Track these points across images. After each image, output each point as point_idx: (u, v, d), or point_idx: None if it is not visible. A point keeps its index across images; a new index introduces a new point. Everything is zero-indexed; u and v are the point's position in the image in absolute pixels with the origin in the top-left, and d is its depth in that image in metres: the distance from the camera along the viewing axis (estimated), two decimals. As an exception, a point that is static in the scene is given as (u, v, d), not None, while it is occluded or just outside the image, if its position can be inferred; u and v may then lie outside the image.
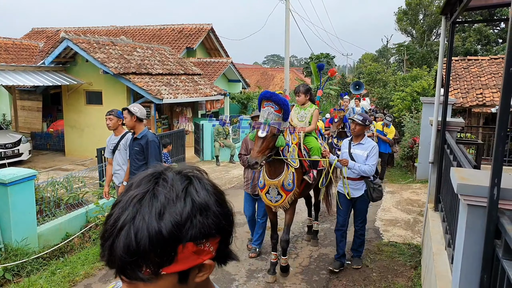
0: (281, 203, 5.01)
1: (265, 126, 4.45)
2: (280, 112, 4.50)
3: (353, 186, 5.24)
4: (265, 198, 5.07)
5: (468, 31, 33.84)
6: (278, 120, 4.48)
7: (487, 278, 2.21)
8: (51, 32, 24.92)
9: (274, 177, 4.89)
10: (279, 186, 4.89)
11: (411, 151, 12.41)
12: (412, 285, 4.93)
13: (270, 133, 4.44)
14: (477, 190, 2.24)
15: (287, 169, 4.92)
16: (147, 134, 5.48)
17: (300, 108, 5.84)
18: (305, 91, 5.77)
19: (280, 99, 4.48)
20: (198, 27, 22.34)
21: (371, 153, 5.13)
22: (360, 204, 5.32)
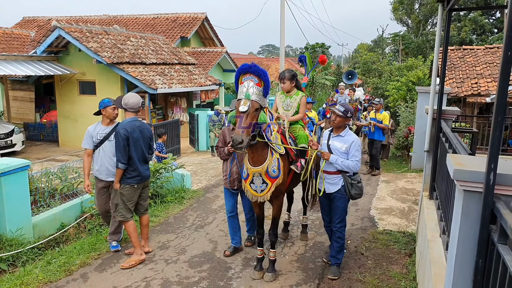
0: (267, 193, 4.63)
1: (246, 100, 4.15)
2: (261, 85, 4.24)
3: (329, 180, 4.82)
4: (250, 189, 4.69)
5: (464, 20, 33.84)
6: (259, 94, 4.20)
7: (482, 263, 2.22)
8: (43, 21, 24.67)
9: (258, 164, 4.52)
10: (263, 173, 4.54)
11: (406, 140, 12.44)
12: (406, 272, 4.96)
13: (252, 107, 4.14)
14: (473, 175, 2.24)
15: (271, 155, 4.57)
16: (120, 124, 5.26)
17: (285, 96, 5.40)
18: (290, 77, 5.31)
19: (260, 70, 4.22)
20: (192, 16, 22.17)
21: (352, 148, 4.69)
22: (337, 201, 4.83)
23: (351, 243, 5.92)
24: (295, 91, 5.38)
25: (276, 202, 4.84)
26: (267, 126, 4.48)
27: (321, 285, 4.72)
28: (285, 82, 5.30)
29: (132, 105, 5.26)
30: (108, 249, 5.67)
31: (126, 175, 5.15)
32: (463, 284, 2.35)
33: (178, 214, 7.23)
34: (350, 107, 4.78)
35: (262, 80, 4.23)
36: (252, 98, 4.16)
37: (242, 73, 4.27)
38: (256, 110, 4.20)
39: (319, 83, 23.17)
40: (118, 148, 5.06)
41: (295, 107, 5.31)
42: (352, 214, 7.23)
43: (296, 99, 5.32)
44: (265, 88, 4.27)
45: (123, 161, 5.07)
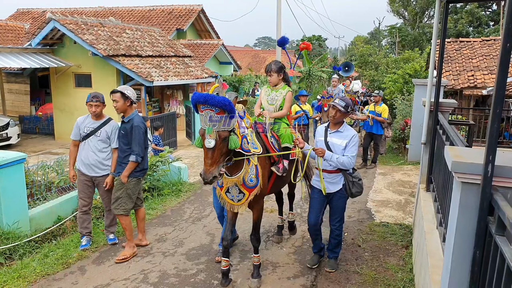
0: (245, 202, 4.33)
1: (210, 134, 3.68)
2: (224, 113, 3.71)
3: (330, 180, 4.58)
4: (226, 198, 4.40)
5: (460, 13, 33.82)
6: (224, 122, 3.73)
7: (479, 254, 2.23)
8: (37, 13, 24.46)
9: (233, 173, 4.17)
10: (239, 184, 4.21)
11: (402, 133, 12.45)
12: (403, 264, 4.99)
13: (219, 139, 3.72)
14: (471, 167, 2.24)
15: (247, 163, 4.20)
16: (135, 118, 5.16)
17: (271, 89, 5.05)
18: (277, 69, 4.94)
19: (218, 102, 3.64)
20: (188, 8, 22.05)
21: (350, 142, 4.47)
22: (337, 200, 4.64)
23: (348, 235, 5.94)
24: (282, 84, 5.03)
25: (257, 207, 4.54)
26: (242, 138, 4.04)
27: (318, 277, 4.74)
28: (271, 74, 4.94)
29: (135, 97, 5.30)
30: (105, 242, 5.67)
31: (135, 169, 5.14)
32: (461, 275, 2.36)
33: (175, 207, 7.23)
34: (350, 102, 4.59)
35: (223, 109, 3.70)
36: (218, 129, 3.71)
37: (199, 104, 3.75)
38: (224, 140, 3.77)
39: (316, 75, 23.08)
40: (138, 142, 5.06)
41: (280, 101, 4.95)
42: (349, 207, 7.23)
43: (282, 93, 4.96)
44: (230, 113, 3.75)
45: (142, 154, 5.12)
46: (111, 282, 4.63)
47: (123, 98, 5.11)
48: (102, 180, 5.35)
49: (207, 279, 4.68)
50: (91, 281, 4.64)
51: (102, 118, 5.41)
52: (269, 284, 4.59)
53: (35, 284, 4.57)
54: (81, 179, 5.43)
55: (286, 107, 4.97)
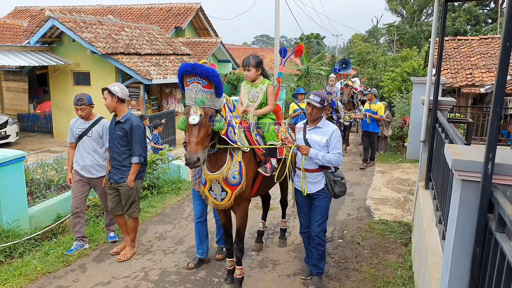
0: (228, 201, 4.08)
1: (196, 108, 3.48)
2: (211, 87, 3.51)
3: (311, 179, 4.32)
4: (210, 196, 4.16)
5: (458, 11, 33.85)
6: (210, 98, 3.52)
7: (479, 251, 2.25)
8: (35, 11, 24.41)
9: (215, 169, 3.95)
10: (221, 180, 3.97)
11: (401, 131, 12.49)
12: (402, 261, 5.02)
13: (205, 116, 3.52)
14: (471, 165, 2.26)
15: (230, 159, 3.98)
16: (131, 117, 4.99)
17: (251, 85, 4.73)
18: (256, 64, 4.61)
19: (206, 71, 3.44)
20: (186, 6, 22.02)
21: (332, 139, 4.19)
22: (319, 201, 4.33)
23: (348, 233, 5.97)
24: (261, 79, 4.70)
25: (239, 211, 4.26)
26: (228, 125, 3.83)
27: (318, 274, 4.76)
28: (250, 69, 4.60)
29: (127, 94, 5.10)
30: (105, 239, 5.69)
31: (139, 170, 5.05)
32: (461, 272, 2.39)
33: (174, 205, 7.25)
34: (325, 96, 4.27)
35: (212, 81, 3.49)
36: (204, 104, 3.51)
37: (185, 74, 3.52)
38: (210, 118, 3.58)
39: (314, 73, 23.12)
40: (140, 142, 4.94)
41: (261, 97, 4.65)
42: (348, 205, 7.28)
43: (262, 89, 4.65)
44: (217, 89, 3.55)
45: (145, 154, 5.04)
46: (111, 279, 4.65)
47: (110, 95, 4.91)
48: (99, 182, 5.27)
49: (207, 277, 4.70)
50: (92, 279, 4.66)
51: (92, 118, 5.26)
52: (269, 281, 4.62)
53: (36, 282, 4.58)
54: (76, 179, 5.31)
55: (270, 102, 4.68)
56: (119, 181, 5.02)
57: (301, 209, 4.58)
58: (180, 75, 3.54)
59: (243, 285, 4.47)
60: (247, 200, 4.32)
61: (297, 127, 4.56)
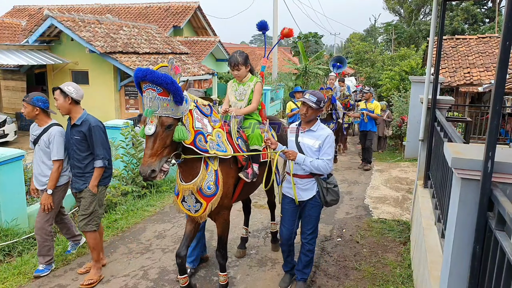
0: (203, 213, 3.80)
1: (152, 117, 3.23)
2: (168, 95, 3.20)
3: (301, 186, 4.04)
4: (183, 208, 3.90)
5: (456, 10, 33.91)
6: (167, 106, 3.22)
7: (479, 249, 2.26)
8: (34, 10, 24.37)
9: (188, 179, 3.70)
10: (195, 191, 3.70)
11: (399, 130, 12.51)
12: (401, 260, 5.03)
13: (161, 126, 3.24)
14: (471, 163, 2.27)
15: (205, 168, 3.70)
16: (88, 118, 4.47)
17: (238, 83, 4.44)
18: (244, 61, 4.28)
19: (158, 78, 3.12)
20: (184, 5, 22.02)
21: (325, 144, 3.91)
22: (310, 210, 4.07)
23: (346, 231, 5.99)
24: (249, 76, 4.40)
25: (219, 220, 4.04)
26: (195, 134, 3.54)
27: (317, 273, 4.77)
28: (240, 68, 4.27)
29: (81, 95, 4.59)
30: (104, 238, 5.67)
31: (103, 175, 4.53)
32: (460, 270, 2.40)
33: (173, 203, 7.24)
34: (322, 96, 3.97)
35: (167, 89, 3.18)
36: (160, 114, 3.23)
37: (139, 80, 3.23)
38: (168, 128, 3.28)
39: (312, 72, 23.14)
40: (101, 144, 4.42)
41: (249, 95, 4.34)
42: (346, 203, 7.30)
43: (250, 86, 4.34)
44: (175, 96, 3.23)
45: (109, 157, 4.52)
46: (111, 278, 4.65)
47: (62, 96, 4.41)
48: None
49: (206, 275, 4.71)
50: (91, 278, 4.65)
51: (45, 124, 4.67)
52: (268, 280, 4.62)
53: (35, 281, 4.58)
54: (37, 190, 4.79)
55: (255, 100, 4.33)
56: (81, 188, 4.47)
57: (286, 218, 4.20)
58: (135, 80, 3.28)
59: (243, 284, 4.48)
60: (227, 208, 4.07)
61: (290, 128, 4.25)
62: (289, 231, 4.18)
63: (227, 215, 4.09)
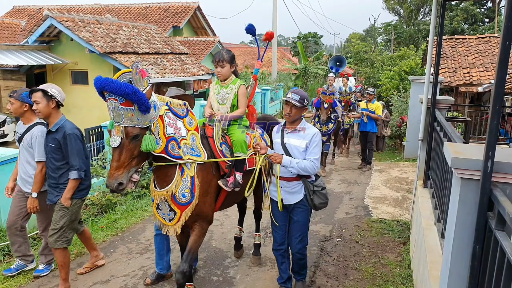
0: (177, 223, 3.57)
1: (116, 129, 3.05)
2: (131, 105, 2.99)
3: (288, 189, 3.86)
4: (158, 215, 3.69)
5: (455, 10, 33.93)
6: (132, 116, 3.02)
7: (479, 249, 2.26)
8: (33, 10, 24.37)
9: (162, 185, 3.48)
10: (168, 198, 3.49)
11: (399, 130, 12.51)
12: (401, 260, 5.03)
13: (126, 137, 3.05)
14: (471, 163, 2.27)
15: (180, 174, 3.47)
16: (65, 124, 4.13)
17: (220, 85, 4.12)
18: (230, 59, 4.02)
19: (118, 88, 2.90)
20: (184, 6, 22.02)
21: (311, 143, 3.75)
22: (297, 215, 3.89)
23: (346, 231, 5.99)
24: (232, 78, 4.11)
25: (197, 229, 3.72)
26: (167, 141, 3.33)
27: (317, 273, 4.77)
28: (224, 65, 3.99)
29: (63, 98, 4.28)
30: (103, 238, 5.68)
31: (78, 187, 4.18)
32: (460, 270, 2.39)
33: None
34: (305, 94, 3.81)
35: (131, 100, 2.96)
36: (125, 124, 3.03)
37: (98, 90, 3.04)
38: (135, 138, 3.08)
39: (312, 72, 23.16)
40: (77, 153, 4.07)
41: (232, 99, 4.05)
42: (346, 203, 7.30)
43: (233, 89, 4.05)
44: (140, 105, 3.00)
45: (85, 167, 4.16)
46: (110, 278, 4.65)
47: (46, 99, 4.07)
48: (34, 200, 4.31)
49: (206, 275, 4.70)
50: (91, 277, 4.65)
51: (30, 122, 4.44)
52: (268, 280, 4.62)
53: (34, 281, 4.58)
54: (16, 190, 4.59)
55: (242, 104, 4.06)
56: (54, 200, 4.20)
57: (277, 223, 4.03)
58: (96, 87, 3.05)
59: (242, 284, 4.48)
60: (207, 219, 3.77)
61: (274, 130, 4.08)
62: (282, 235, 4.01)
63: (205, 226, 3.79)
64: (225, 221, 6.25)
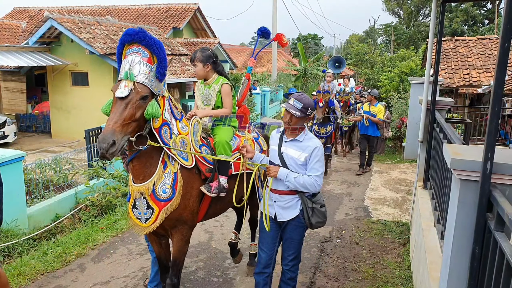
0: (154, 223, 3.19)
1: (127, 82, 2.82)
2: (152, 63, 2.90)
3: (282, 204, 3.39)
4: (133, 216, 3.29)
5: (455, 11, 33.96)
6: (148, 74, 2.87)
7: (478, 250, 2.27)
8: (34, 12, 24.37)
9: (141, 179, 3.13)
10: (147, 193, 3.13)
11: (398, 131, 12.52)
12: (401, 261, 5.04)
13: (135, 93, 2.82)
14: (470, 164, 2.27)
15: (162, 168, 3.17)
16: None
17: (204, 85, 3.96)
18: (203, 58, 3.81)
19: (150, 38, 2.86)
20: (184, 7, 22.02)
21: (312, 157, 3.29)
22: (291, 232, 3.43)
23: (346, 232, 5.99)
24: (216, 77, 3.92)
25: (177, 235, 3.38)
26: (162, 123, 3.08)
27: (317, 274, 4.77)
28: (196, 64, 3.85)
29: None
30: (104, 239, 5.68)
31: None
32: (460, 270, 2.40)
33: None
34: (309, 102, 3.33)
35: (155, 54, 2.90)
36: (138, 79, 2.84)
37: (126, 43, 2.92)
38: (143, 99, 2.87)
39: (312, 73, 23.17)
40: None
41: (215, 99, 3.87)
42: (346, 204, 7.31)
43: (215, 89, 3.86)
44: (160, 66, 2.92)
45: None
46: (110, 279, 4.65)
47: None
48: None
49: (206, 277, 4.71)
50: (91, 279, 4.66)
51: None
52: (268, 281, 4.62)
53: (35, 282, 4.58)
54: None
55: (226, 104, 3.86)
56: None
57: (265, 241, 3.54)
58: (120, 43, 2.94)
59: (242, 285, 4.48)
60: (187, 224, 3.42)
61: (272, 136, 3.62)
62: (269, 257, 3.51)
63: (186, 232, 3.44)
64: (225, 222, 6.25)
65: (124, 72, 2.85)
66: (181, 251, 3.45)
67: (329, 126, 8.97)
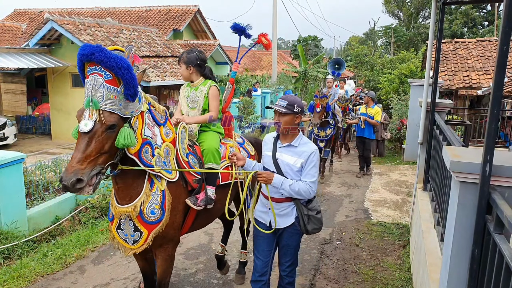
0: (143, 246, 3.03)
1: (90, 111, 2.54)
2: (118, 85, 2.56)
3: (277, 211, 3.28)
4: (118, 237, 3.12)
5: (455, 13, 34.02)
6: (114, 99, 2.56)
7: (478, 252, 2.27)
8: (34, 13, 24.41)
9: (126, 200, 2.93)
10: (134, 216, 2.93)
11: (398, 133, 12.52)
12: (401, 263, 5.04)
13: (101, 124, 2.54)
14: (469, 167, 2.28)
15: (149, 187, 2.96)
16: None
17: (190, 87, 3.84)
18: (188, 60, 3.70)
19: (111, 58, 2.48)
20: (184, 9, 22.06)
21: (308, 162, 3.18)
22: (288, 238, 3.35)
23: (346, 234, 5.99)
24: (202, 80, 3.80)
25: (162, 255, 3.21)
26: (143, 143, 2.83)
27: (317, 276, 4.77)
28: (180, 65, 3.78)
29: None
30: (104, 241, 5.68)
31: None
32: (459, 273, 2.40)
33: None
34: (296, 99, 3.24)
35: (118, 76, 2.53)
36: (103, 107, 2.55)
37: (84, 60, 2.55)
38: (111, 128, 2.58)
39: (312, 75, 23.16)
40: None
41: (202, 102, 3.71)
42: (346, 206, 7.31)
43: (203, 91, 3.71)
44: (127, 88, 2.57)
45: None
46: (110, 281, 4.65)
47: None
48: None
49: (206, 278, 4.71)
50: (91, 281, 4.66)
51: None
52: (268, 283, 4.62)
53: (34, 284, 4.58)
54: None
55: (213, 108, 3.70)
56: None
57: (260, 248, 3.42)
58: (79, 60, 2.58)
59: (242, 287, 4.48)
60: (173, 241, 3.25)
61: (265, 141, 3.47)
62: (264, 264, 3.39)
63: (171, 250, 3.28)
64: (225, 224, 6.25)
65: (87, 98, 2.56)
66: (166, 272, 3.30)
67: (329, 129, 8.78)
